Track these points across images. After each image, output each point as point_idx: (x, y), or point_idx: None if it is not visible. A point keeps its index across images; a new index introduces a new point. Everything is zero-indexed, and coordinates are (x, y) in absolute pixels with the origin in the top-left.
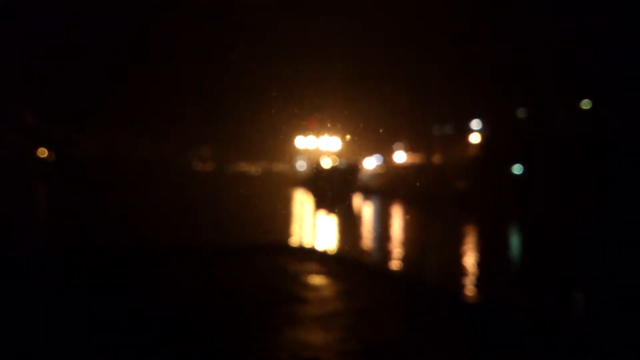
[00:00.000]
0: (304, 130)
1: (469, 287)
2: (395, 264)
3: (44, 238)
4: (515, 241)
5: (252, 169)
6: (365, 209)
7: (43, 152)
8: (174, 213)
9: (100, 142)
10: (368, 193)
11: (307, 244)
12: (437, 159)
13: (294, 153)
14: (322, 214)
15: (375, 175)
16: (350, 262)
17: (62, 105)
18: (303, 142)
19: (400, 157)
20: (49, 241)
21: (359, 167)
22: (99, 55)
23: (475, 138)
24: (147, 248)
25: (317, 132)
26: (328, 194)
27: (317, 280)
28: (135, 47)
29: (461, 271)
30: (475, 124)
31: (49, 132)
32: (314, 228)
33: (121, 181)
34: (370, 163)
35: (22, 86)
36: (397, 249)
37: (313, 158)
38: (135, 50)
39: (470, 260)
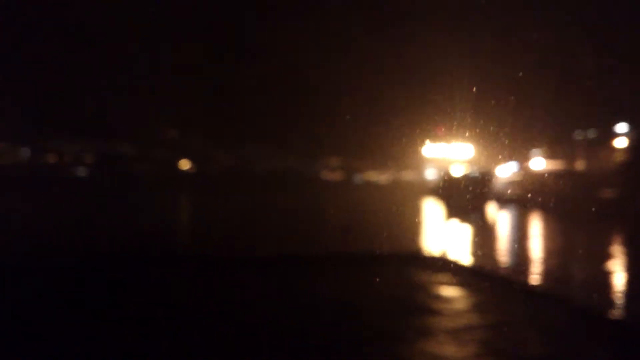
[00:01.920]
0: (434, 138)
1: (616, 306)
2: (533, 278)
3: (189, 244)
4: None
5: (380, 177)
6: (500, 219)
7: (185, 165)
8: (304, 222)
9: (234, 155)
10: (502, 202)
11: (439, 254)
12: (579, 165)
13: (423, 161)
14: (454, 223)
15: (510, 183)
16: (485, 274)
17: (200, 120)
18: (432, 149)
19: (538, 163)
20: (192, 248)
21: (492, 174)
22: (235, 74)
23: (621, 142)
24: (281, 257)
25: (447, 139)
26: (459, 202)
27: (449, 291)
28: (266, 63)
29: (608, 288)
30: (621, 127)
31: (189, 145)
32: (445, 238)
33: (253, 191)
34: (505, 170)
35: (163, 103)
36: (535, 262)
37: (443, 166)
38: (265, 66)
39: (618, 276)
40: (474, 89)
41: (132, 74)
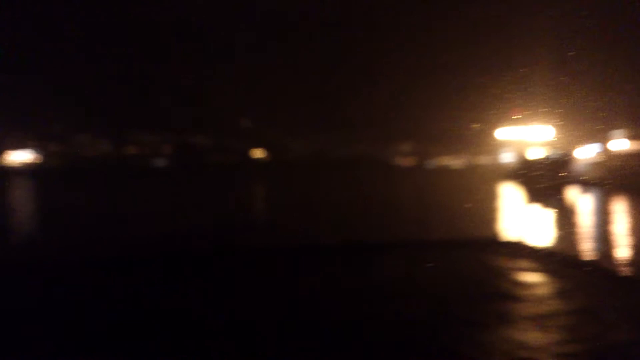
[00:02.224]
0: (510, 121)
1: None
2: (618, 263)
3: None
4: None
5: (455, 162)
6: (581, 202)
7: (258, 154)
8: (380, 208)
9: (307, 143)
10: (583, 184)
11: (518, 239)
12: None
13: (499, 144)
14: (533, 207)
15: (592, 164)
16: (567, 259)
17: (274, 110)
18: (509, 132)
19: (620, 144)
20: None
21: (572, 156)
22: (308, 63)
23: None
24: (359, 243)
25: (525, 121)
26: (538, 186)
27: (530, 277)
28: (338, 51)
29: None
30: None
31: (263, 135)
32: (524, 223)
33: (328, 179)
34: (585, 152)
35: (238, 95)
36: (620, 247)
37: (521, 149)
38: (338, 56)
39: None
40: (550, 70)
41: (207, 66)
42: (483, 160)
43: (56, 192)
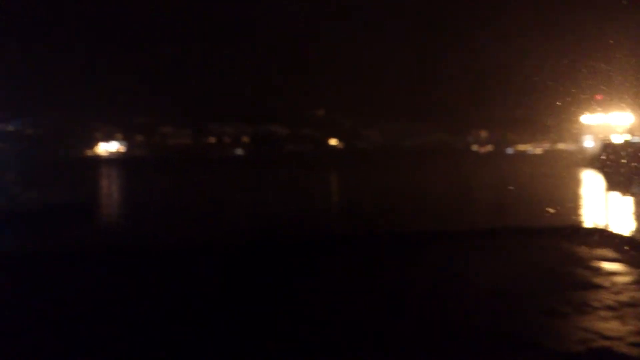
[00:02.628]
0: (590, 106)
1: None
2: None
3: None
4: None
5: (532, 149)
6: None
7: (334, 142)
8: (457, 196)
9: (383, 131)
10: None
11: (599, 226)
12: None
13: (579, 130)
14: (615, 194)
15: None
16: None
17: (349, 99)
18: (590, 118)
19: None
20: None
21: None
22: (382, 52)
23: None
24: (440, 233)
25: (606, 107)
26: (620, 172)
27: (611, 266)
28: (416, 43)
29: None
30: None
31: (338, 124)
32: (606, 210)
33: (404, 167)
34: None
35: (312, 86)
36: None
37: (602, 135)
38: (416, 46)
39: None
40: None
41: (283, 58)
42: (564, 146)
43: (153, 180)
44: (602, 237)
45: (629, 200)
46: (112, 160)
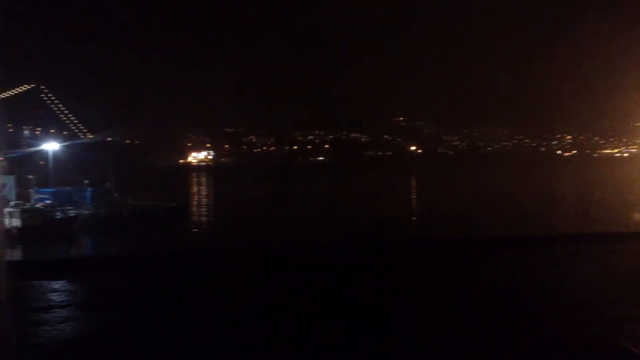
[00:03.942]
0: None
1: None
2: None
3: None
4: None
5: (620, 152)
6: None
7: (414, 148)
8: (552, 200)
9: (464, 136)
10: None
11: None
12: None
13: None
14: None
15: None
16: None
17: (430, 105)
18: None
19: None
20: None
21: None
22: (461, 62)
23: None
24: (560, 235)
25: None
26: None
27: None
28: (497, 49)
29: None
30: None
31: (417, 131)
32: None
33: (487, 171)
34: None
35: (391, 94)
36: None
37: None
38: (496, 52)
39: None
40: None
41: (368, 66)
42: None
43: (256, 186)
44: None
45: None
46: (202, 167)
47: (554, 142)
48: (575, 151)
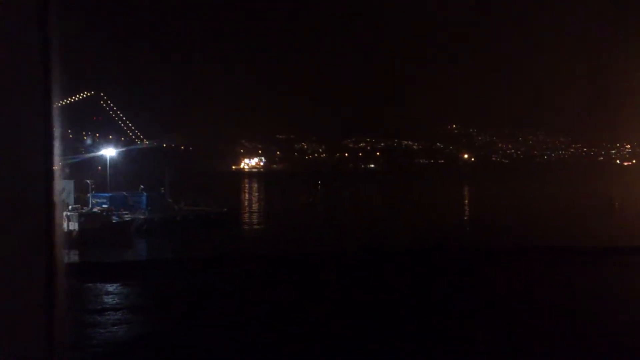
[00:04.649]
0: None
1: None
2: None
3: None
4: None
5: None
6: None
7: (465, 156)
8: (606, 210)
9: (519, 144)
10: None
11: None
12: None
13: None
14: None
15: None
16: None
17: (484, 115)
18: None
19: None
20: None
21: None
22: (516, 68)
23: None
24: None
25: None
26: None
27: None
28: (554, 54)
29: None
30: None
31: (470, 138)
32: None
33: (543, 180)
34: None
35: (444, 101)
36: None
37: None
38: (554, 57)
39: None
40: None
41: (416, 73)
42: None
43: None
44: None
45: None
46: (254, 173)
47: (613, 151)
48: (634, 160)
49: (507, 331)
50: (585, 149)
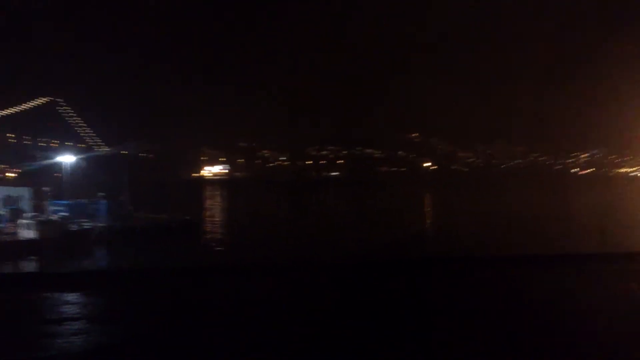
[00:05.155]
0: None
1: None
2: None
3: None
4: None
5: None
6: None
7: (427, 164)
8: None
9: (478, 153)
10: None
11: None
12: None
13: None
14: None
15: None
16: None
17: (442, 123)
18: None
19: None
20: None
21: None
22: (477, 77)
23: None
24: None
25: None
26: None
27: None
28: (516, 62)
29: None
30: None
31: (431, 147)
32: None
33: (503, 189)
34: None
35: (407, 109)
36: None
37: None
38: (513, 65)
39: None
40: None
41: (369, 82)
42: None
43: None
44: None
45: None
46: (216, 181)
47: (570, 160)
48: (593, 169)
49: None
50: (543, 158)
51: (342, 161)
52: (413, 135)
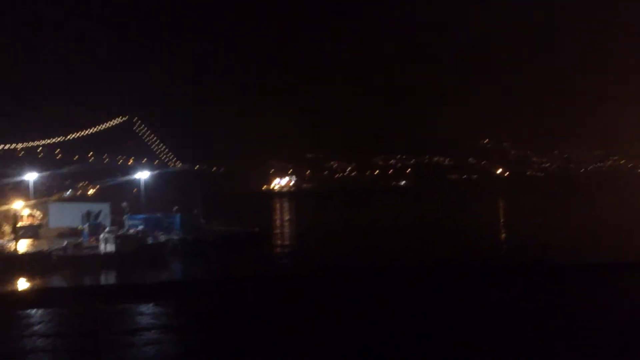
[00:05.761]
0: None
1: None
2: None
3: None
4: None
5: None
6: None
7: (499, 170)
8: None
9: (553, 158)
10: None
11: None
12: None
13: None
14: None
15: None
16: None
17: (513, 127)
18: None
19: None
20: None
21: None
22: (549, 82)
23: None
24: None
25: None
26: None
27: None
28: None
29: None
30: None
31: (503, 153)
32: None
33: (577, 192)
34: None
35: (475, 115)
36: None
37: None
38: (579, 72)
39: None
40: None
41: (445, 89)
42: None
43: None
44: None
45: None
46: (284, 193)
47: None
48: None
49: None
50: (622, 162)
51: (409, 170)
52: (484, 141)
